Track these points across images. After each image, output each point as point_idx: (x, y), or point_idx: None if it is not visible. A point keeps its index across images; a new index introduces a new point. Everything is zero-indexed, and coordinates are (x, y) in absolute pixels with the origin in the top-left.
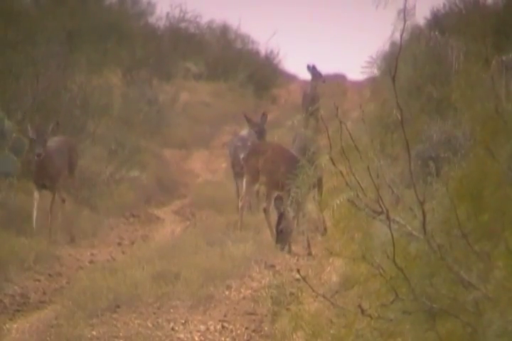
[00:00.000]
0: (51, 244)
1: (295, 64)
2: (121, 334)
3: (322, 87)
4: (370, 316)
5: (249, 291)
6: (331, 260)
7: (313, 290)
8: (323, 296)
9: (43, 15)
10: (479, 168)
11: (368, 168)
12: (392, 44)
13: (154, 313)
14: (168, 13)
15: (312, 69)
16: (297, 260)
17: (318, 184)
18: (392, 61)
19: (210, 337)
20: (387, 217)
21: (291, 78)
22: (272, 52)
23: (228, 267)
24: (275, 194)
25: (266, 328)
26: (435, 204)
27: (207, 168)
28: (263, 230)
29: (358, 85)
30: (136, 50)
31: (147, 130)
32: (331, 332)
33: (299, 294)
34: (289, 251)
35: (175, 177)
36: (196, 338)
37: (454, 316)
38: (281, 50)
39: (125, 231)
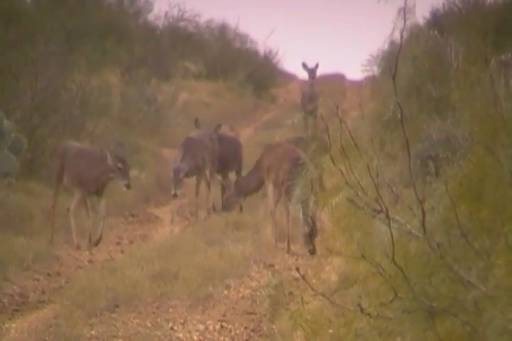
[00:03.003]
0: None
1: (294, 63)
2: (120, 333)
3: (321, 86)
4: (369, 315)
5: (248, 291)
6: (330, 259)
7: (313, 289)
8: (323, 295)
9: (42, 15)
10: (478, 167)
11: (368, 167)
12: (392, 43)
13: (153, 313)
14: (166, 13)
15: (304, 66)
16: (296, 259)
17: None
18: (392, 60)
19: (209, 336)
20: (387, 216)
21: (290, 77)
22: (270, 51)
23: (227, 267)
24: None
25: (265, 328)
26: (435, 203)
27: None
28: (262, 230)
29: (357, 85)
30: (135, 50)
31: (146, 129)
32: (330, 331)
33: (298, 293)
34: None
35: None
36: (195, 338)
37: (453, 315)
38: (280, 49)
39: (124, 231)
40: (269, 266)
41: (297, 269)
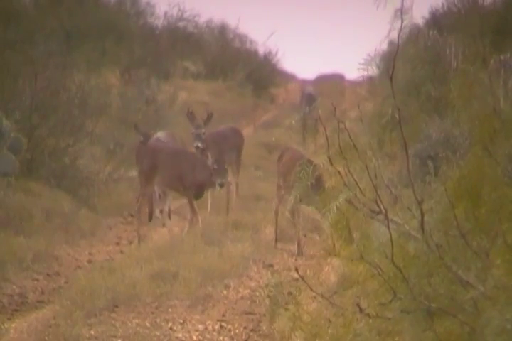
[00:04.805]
0: None
1: (293, 63)
2: (119, 333)
3: (320, 86)
4: (368, 315)
5: (248, 291)
6: (329, 260)
7: (312, 290)
8: (322, 296)
9: (42, 15)
10: (477, 167)
11: (366, 167)
12: (391, 43)
13: (152, 313)
14: (166, 13)
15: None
16: (295, 259)
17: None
18: (390, 60)
19: (208, 336)
20: (386, 217)
21: (289, 77)
22: (270, 51)
23: (226, 267)
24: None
25: (264, 328)
26: (433, 203)
27: None
28: (261, 230)
29: (356, 85)
30: (134, 50)
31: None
32: (330, 331)
33: (297, 294)
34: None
35: None
36: (194, 337)
37: (452, 315)
38: (279, 49)
39: (123, 231)
40: (269, 266)
41: (296, 269)
